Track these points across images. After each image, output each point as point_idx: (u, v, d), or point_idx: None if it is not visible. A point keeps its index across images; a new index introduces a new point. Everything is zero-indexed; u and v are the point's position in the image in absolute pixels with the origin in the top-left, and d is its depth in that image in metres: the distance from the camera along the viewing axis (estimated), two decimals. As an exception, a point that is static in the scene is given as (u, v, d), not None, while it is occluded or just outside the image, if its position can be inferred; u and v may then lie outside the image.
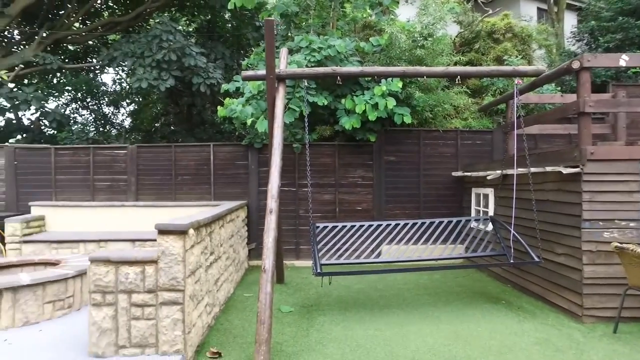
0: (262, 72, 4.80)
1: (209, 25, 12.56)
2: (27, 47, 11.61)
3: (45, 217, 6.89)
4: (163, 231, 3.28)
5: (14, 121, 13.12)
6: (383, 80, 6.41)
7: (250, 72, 4.91)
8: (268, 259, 3.55)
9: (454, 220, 5.31)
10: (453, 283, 5.83)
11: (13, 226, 6.35)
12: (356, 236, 5.10)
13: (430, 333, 4.02)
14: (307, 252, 6.96)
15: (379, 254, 6.91)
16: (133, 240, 6.23)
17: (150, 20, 12.98)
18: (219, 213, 4.59)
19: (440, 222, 5.27)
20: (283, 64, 4.90)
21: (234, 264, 5.55)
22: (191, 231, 3.42)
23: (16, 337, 3.84)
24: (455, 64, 8.43)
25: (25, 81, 12.79)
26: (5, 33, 12.42)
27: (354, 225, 5.20)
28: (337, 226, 5.16)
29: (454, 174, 7.15)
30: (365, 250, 6.50)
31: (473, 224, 6.45)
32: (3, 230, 6.40)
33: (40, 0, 11.37)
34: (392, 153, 7.22)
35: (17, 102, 9.88)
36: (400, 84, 6.33)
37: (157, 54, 9.14)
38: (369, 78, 6.66)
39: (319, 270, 4.43)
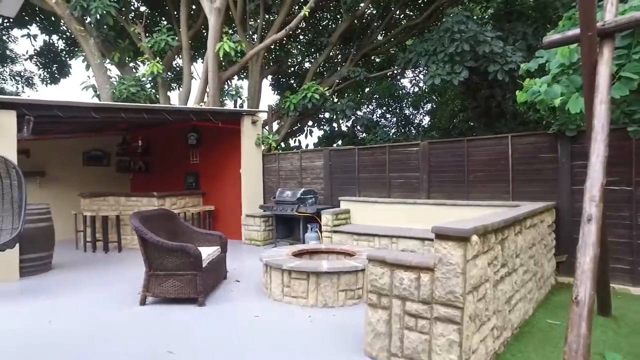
0: (573, 31, 3.62)
1: (505, 6, 11.29)
2: (343, 65, 13.63)
3: (350, 211, 7.71)
4: (440, 235, 2.82)
5: (336, 129, 15.74)
6: None
7: (556, 36, 3.80)
8: (583, 287, 2.51)
9: None
10: None
11: (326, 217, 7.38)
12: None
13: None
14: (649, 277, 5.00)
15: None
16: (422, 239, 6.09)
17: (444, 17, 12.88)
18: (515, 216, 3.74)
19: None
20: (610, 13, 3.54)
21: (534, 279, 4.51)
22: (474, 238, 2.81)
23: (316, 315, 4.25)
24: None
25: (345, 95, 15.09)
26: (330, 56, 14.98)
27: None
28: None
29: None
30: None
31: None
32: (321, 220, 7.53)
33: (352, 25, 13.10)
34: None
35: (337, 112, 11.66)
36: None
37: (449, 47, 8.80)
38: None
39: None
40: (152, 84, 12.92)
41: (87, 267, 6.87)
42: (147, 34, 12.11)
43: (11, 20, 16.03)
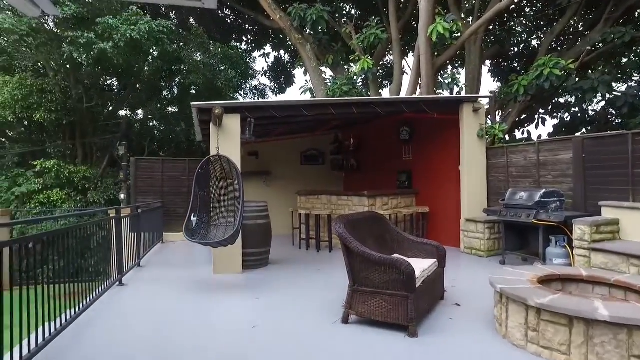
0: None
1: None
2: (587, 34, 10.60)
3: (619, 222, 5.48)
4: None
5: (579, 114, 12.54)
6: None
7: None
8: None
9: None
10: None
11: (581, 229, 5.40)
12: None
13: None
14: None
15: None
16: None
17: None
18: None
19: None
20: None
21: None
22: None
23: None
24: None
25: (592, 69, 11.85)
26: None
27: None
28: None
29: None
30: None
31: None
32: (571, 232, 5.60)
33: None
34: None
35: (584, 92, 9.06)
36: None
37: None
38: None
39: None
40: (363, 81, 12.84)
41: (299, 266, 6.83)
42: (357, 33, 12.04)
43: (253, 45, 18.83)
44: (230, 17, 18.45)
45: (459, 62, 16.62)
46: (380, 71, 15.80)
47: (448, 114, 8.12)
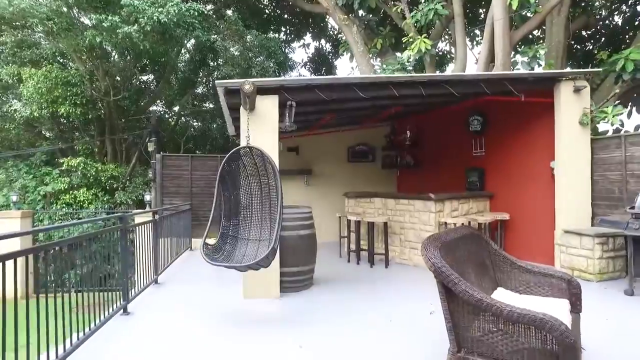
0: None
1: None
2: None
3: None
4: None
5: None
6: None
7: None
8: None
9: None
10: None
11: None
12: None
13: None
14: None
15: None
16: None
17: None
18: None
19: None
20: None
21: None
22: None
23: None
24: None
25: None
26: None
27: None
28: None
29: None
30: None
31: None
32: None
33: None
34: None
35: None
36: None
37: None
38: None
39: None
40: (416, 67, 11.19)
41: (351, 290, 5.34)
42: (410, 12, 10.43)
43: (292, 35, 17.61)
44: (269, 7, 17.31)
45: (521, 45, 14.59)
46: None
47: (536, 96, 6.39)
